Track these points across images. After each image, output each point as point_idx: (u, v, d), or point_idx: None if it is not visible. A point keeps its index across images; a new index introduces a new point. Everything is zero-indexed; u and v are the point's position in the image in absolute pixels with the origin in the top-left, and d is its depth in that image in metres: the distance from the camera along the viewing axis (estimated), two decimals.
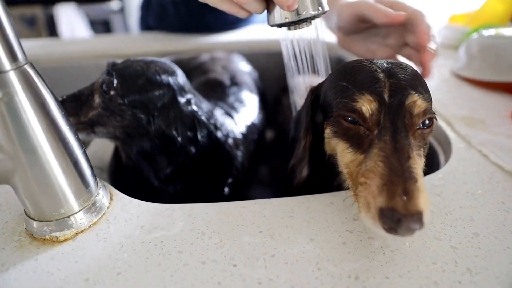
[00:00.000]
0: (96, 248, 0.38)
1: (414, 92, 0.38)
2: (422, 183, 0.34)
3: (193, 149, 0.55)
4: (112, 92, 0.51)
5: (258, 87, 0.85)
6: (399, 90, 0.38)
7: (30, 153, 0.35)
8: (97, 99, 0.52)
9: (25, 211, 0.40)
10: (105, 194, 0.44)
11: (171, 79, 0.53)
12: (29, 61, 0.34)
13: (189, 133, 0.54)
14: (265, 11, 0.48)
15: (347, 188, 0.42)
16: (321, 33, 0.54)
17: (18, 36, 0.33)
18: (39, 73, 0.35)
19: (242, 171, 0.62)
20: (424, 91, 0.40)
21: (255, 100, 0.74)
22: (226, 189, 0.61)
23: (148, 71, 0.52)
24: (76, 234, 0.40)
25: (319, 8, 0.47)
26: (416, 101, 0.38)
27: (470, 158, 0.52)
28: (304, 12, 0.46)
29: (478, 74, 0.72)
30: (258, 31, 1.21)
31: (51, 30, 2.42)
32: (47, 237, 0.39)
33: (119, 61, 0.54)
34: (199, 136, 0.54)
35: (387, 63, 0.41)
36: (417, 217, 0.30)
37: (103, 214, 0.43)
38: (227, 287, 0.34)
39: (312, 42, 0.55)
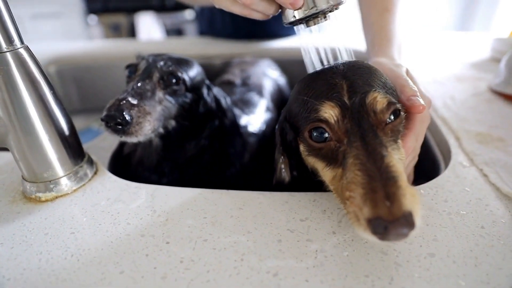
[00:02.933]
0: (65, 210, 0.44)
1: (373, 89, 0.37)
2: (404, 180, 0.32)
3: (228, 125, 0.61)
4: (179, 83, 0.56)
5: (280, 91, 0.86)
6: (357, 90, 0.37)
7: (21, 120, 0.42)
8: (159, 93, 0.55)
9: (22, 174, 0.47)
10: (89, 168, 0.50)
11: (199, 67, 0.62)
12: (26, 45, 0.42)
13: (219, 113, 0.61)
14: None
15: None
16: (341, 30, 0.50)
17: (16, 23, 0.40)
18: (33, 56, 0.42)
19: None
20: (383, 86, 0.37)
21: (261, 101, 0.75)
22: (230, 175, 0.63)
23: (190, 60, 0.60)
24: (56, 197, 0.46)
25: (330, 0, 0.42)
26: (376, 97, 0.36)
27: (466, 176, 0.46)
28: (311, 8, 0.43)
29: None
30: (296, 40, 1.21)
31: (132, 35, 2.76)
32: (33, 196, 0.46)
33: (145, 55, 0.61)
34: (229, 113, 0.61)
35: (343, 66, 0.40)
36: (404, 220, 0.29)
37: (83, 184, 0.48)
38: (152, 260, 0.36)
39: (336, 46, 0.52)
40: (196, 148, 0.61)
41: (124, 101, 0.50)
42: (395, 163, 0.33)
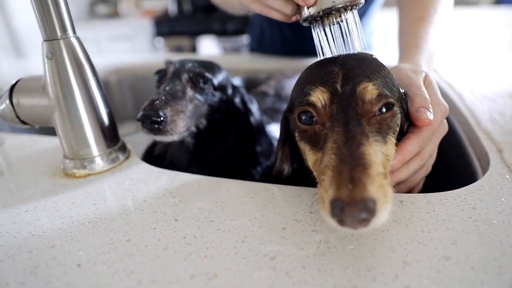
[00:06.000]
0: (93, 186, 0.47)
1: (366, 80, 0.36)
2: (376, 170, 0.31)
3: (254, 124, 0.62)
4: (207, 82, 0.59)
5: None
6: (352, 78, 0.37)
7: (66, 99, 0.47)
8: (189, 93, 0.57)
9: (63, 152, 0.53)
10: (121, 153, 0.54)
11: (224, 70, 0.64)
12: (77, 36, 0.47)
13: (246, 113, 0.63)
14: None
15: None
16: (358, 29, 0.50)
17: (71, 16, 0.46)
18: (82, 45, 0.48)
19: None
20: (381, 79, 0.37)
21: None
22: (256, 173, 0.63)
23: (215, 63, 0.63)
24: (88, 174, 0.50)
25: None
26: (367, 87, 0.36)
27: (503, 187, 0.41)
28: (324, 4, 0.43)
29: None
30: None
31: None
32: (69, 172, 0.50)
33: (174, 59, 0.66)
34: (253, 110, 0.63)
35: (345, 56, 0.40)
36: (363, 204, 0.28)
37: (114, 166, 0.52)
38: (158, 233, 0.37)
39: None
40: (223, 147, 0.62)
41: (158, 101, 0.53)
42: (371, 153, 0.33)
